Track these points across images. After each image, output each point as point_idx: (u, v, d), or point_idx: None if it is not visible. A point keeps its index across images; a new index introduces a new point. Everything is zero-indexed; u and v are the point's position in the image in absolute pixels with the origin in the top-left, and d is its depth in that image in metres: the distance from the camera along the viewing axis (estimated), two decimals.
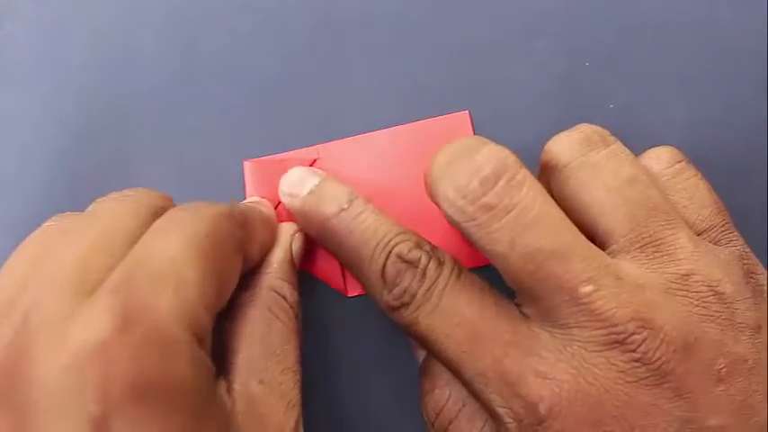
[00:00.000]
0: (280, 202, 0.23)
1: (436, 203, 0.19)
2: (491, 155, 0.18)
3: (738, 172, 0.24)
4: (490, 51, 0.25)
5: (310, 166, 0.24)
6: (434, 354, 0.19)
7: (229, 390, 0.17)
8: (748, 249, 0.20)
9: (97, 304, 0.15)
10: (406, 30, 0.26)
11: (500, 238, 0.18)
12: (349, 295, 0.24)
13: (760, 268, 0.19)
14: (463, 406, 0.20)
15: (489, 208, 0.18)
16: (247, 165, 0.25)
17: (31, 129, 0.26)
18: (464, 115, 0.25)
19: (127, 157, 0.25)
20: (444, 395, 0.20)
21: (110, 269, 0.16)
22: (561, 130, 0.21)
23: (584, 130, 0.20)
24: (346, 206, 0.21)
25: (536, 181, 0.18)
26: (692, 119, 0.24)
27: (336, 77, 0.26)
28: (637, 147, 0.21)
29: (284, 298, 0.20)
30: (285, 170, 0.23)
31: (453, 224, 0.19)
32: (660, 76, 0.25)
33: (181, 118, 0.26)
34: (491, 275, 0.19)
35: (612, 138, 0.20)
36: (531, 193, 0.18)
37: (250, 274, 0.20)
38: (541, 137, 0.21)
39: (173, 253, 0.16)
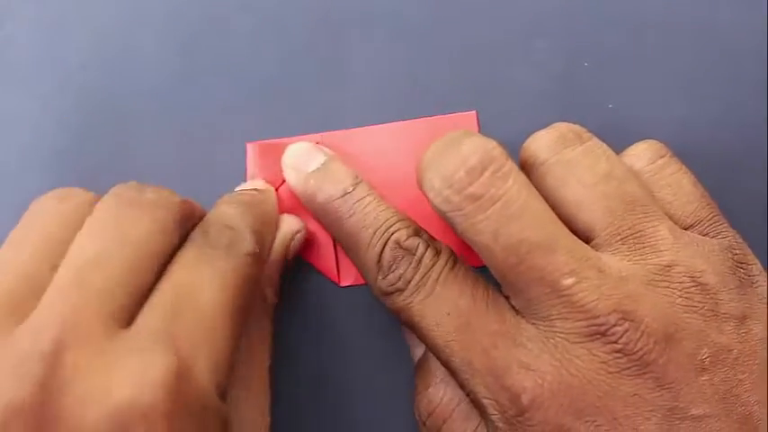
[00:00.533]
0: (280, 185, 0.25)
1: (424, 193, 0.20)
2: (477, 146, 0.19)
3: (738, 172, 0.25)
4: (490, 51, 0.27)
5: None
6: (424, 341, 0.20)
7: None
8: (740, 240, 0.21)
9: (140, 356, 0.15)
10: (406, 30, 0.27)
11: (484, 229, 0.19)
12: (341, 285, 0.25)
13: (751, 258, 0.20)
14: (458, 404, 0.21)
15: (475, 198, 0.19)
16: (250, 146, 0.26)
17: (31, 129, 0.27)
18: (471, 115, 0.26)
19: (127, 157, 0.27)
20: (439, 393, 0.21)
21: (140, 296, 0.17)
22: None
23: (559, 127, 0.21)
24: (351, 189, 0.22)
25: (521, 173, 0.19)
26: (692, 119, 0.26)
27: (336, 77, 0.27)
28: None
29: (266, 301, 0.22)
30: None
31: (440, 214, 0.20)
32: (660, 76, 0.26)
33: (181, 118, 0.27)
34: (487, 272, 0.20)
35: (588, 134, 0.21)
36: (516, 184, 0.19)
37: None
38: None
39: (206, 302, 0.17)
